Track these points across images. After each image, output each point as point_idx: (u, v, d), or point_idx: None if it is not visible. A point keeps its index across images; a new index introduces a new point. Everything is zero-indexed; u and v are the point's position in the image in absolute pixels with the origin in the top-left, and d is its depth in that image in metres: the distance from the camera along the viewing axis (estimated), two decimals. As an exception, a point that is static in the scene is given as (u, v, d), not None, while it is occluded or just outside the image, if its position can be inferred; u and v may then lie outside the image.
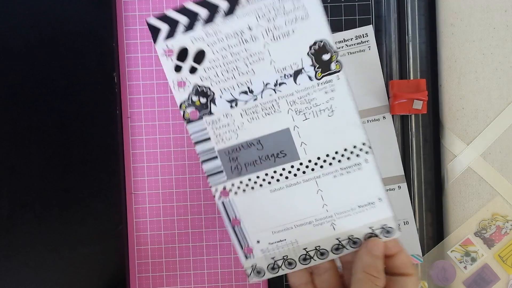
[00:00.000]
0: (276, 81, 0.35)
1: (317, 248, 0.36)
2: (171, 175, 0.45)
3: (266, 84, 0.35)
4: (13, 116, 0.43)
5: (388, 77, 0.46)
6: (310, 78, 0.35)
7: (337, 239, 0.36)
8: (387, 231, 0.35)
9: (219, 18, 0.34)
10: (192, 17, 0.35)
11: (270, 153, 0.35)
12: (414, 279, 0.34)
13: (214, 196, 0.36)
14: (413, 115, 0.46)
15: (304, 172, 0.35)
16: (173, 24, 0.35)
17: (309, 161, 0.35)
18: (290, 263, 0.36)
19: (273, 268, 0.37)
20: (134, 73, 0.45)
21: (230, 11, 0.34)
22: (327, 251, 0.36)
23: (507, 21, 0.46)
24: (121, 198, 0.44)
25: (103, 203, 0.43)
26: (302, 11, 0.34)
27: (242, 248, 0.37)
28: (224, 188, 0.36)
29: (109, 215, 0.43)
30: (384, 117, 0.45)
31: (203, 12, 0.34)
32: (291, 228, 0.36)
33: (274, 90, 0.35)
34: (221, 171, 0.36)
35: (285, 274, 0.38)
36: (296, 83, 0.35)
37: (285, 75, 0.35)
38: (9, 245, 0.43)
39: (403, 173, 0.45)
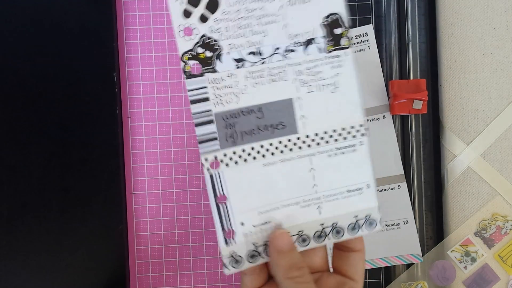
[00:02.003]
0: (287, 47, 0.33)
1: (300, 233, 0.35)
2: (171, 175, 0.45)
3: (276, 49, 0.33)
4: (13, 116, 0.43)
5: (388, 77, 0.46)
6: (319, 50, 0.33)
7: (320, 225, 0.35)
8: (370, 223, 0.34)
9: None
10: None
11: (269, 123, 0.33)
12: (362, 254, 0.34)
13: (203, 165, 0.33)
14: (413, 115, 0.46)
15: (300, 148, 0.34)
16: None
17: (307, 136, 0.34)
18: None
19: (252, 256, 0.34)
20: (134, 73, 0.45)
21: None
22: (309, 237, 0.35)
23: (507, 21, 0.46)
24: (121, 198, 0.44)
25: (103, 203, 0.43)
26: None
27: (224, 231, 0.34)
28: (216, 158, 0.33)
29: (109, 215, 0.43)
30: (384, 117, 0.45)
31: None
32: (278, 208, 0.34)
33: (283, 56, 0.33)
34: (215, 138, 0.33)
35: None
36: (305, 52, 0.33)
37: (296, 42, 0.33)
38: (9, 245, 0.43)
39: (403, 173, 0.45)
